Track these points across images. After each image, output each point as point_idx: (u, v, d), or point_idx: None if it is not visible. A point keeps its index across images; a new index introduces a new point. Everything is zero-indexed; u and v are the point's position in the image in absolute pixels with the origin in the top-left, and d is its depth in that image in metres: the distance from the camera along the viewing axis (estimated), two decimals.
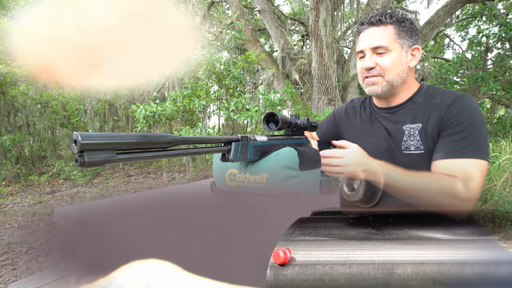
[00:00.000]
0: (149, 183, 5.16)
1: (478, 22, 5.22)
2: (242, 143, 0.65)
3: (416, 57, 0.88)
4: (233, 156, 0.63)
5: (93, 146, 0.39)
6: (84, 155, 0.38)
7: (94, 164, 0.39)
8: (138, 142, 0.44)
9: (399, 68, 0.85)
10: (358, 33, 0.91)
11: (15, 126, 5.67)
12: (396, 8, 7.85)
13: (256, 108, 3.18)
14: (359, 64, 0.90)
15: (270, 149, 0.73)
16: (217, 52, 5.07)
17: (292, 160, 0.77)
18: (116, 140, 0.41)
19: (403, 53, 0.85)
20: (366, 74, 0.87)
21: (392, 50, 0.84)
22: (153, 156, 0.47)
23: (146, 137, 0.45)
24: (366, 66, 0.86)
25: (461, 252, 0.52)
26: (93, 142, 0.39)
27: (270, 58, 6.06)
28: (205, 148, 0.59)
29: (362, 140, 0.95)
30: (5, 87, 5.31)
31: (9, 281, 1.92)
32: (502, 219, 2.39)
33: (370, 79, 0.87)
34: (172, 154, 0.50)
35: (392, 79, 0.86)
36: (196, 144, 0.58)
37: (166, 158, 0.53)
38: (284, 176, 0.76)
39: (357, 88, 5.21)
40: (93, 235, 0.64)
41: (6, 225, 3.01)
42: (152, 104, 3.78)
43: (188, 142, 0.54)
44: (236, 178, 0.79)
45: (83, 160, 0.38)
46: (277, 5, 8.14)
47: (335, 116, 1.11)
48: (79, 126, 6.48)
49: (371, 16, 0.87)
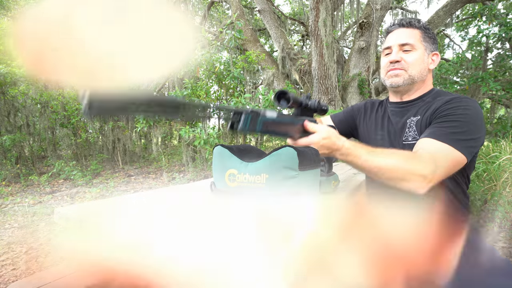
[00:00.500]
0: (149, 183, 5.16)
1: (478, 22, 5.22)
2: (251, 116, 0.65)
3: (435, 61, 0.97)
4: (242, 126, 0.64)
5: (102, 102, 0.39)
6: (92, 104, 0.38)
7: (102, 111, 0.39)
8: (148, 105, 0.44)
9: (421, 66, 0.93)
10: (387, 33, 1.01)
11: (15, 126, 5.67)
12: (396, 8, 7.85)
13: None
14: (384, 60, 0.97)
15: (278, 127, 0.73)
16: (217, 52, 5.07)
17: (292, 160, 0.77)
18: (125, 100, 0.41)
19: (426, 55, 0.94)
20: (391, 67, 0.94)
21: (418, 49, 0.92)
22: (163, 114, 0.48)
23: (157, 101, 0.46)
24: (392, 59, 0.93)
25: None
26: (101, 99, 0.38)
27: (270, 58, 6.06)
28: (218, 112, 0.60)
29: (374, 133, 1.06)
30: (5, 87, 5.31)
31: (9, 281, 1.92)
32: (502, 219, 2.39)
33: (394, 71, 0.94)
34: (183, 116, 0.50)
35: (414, 75, 0.93)
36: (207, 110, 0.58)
37: (176, 119, 0.55)
38: (284, 176, 0.76)
39: (357, 88, 5.21)
40: (93, 235, 0.64)
41: (6, 225, 3.01)
42: None
43: (199, 107, 0.54)
44: (236, 179, 0.80)
45: (91, 106, 0.37)
46: (277, 5, 8.14)
47: (354, 108, 1.18)
48: (79, 126, 6.48)
49: (401, 19, 0.98)
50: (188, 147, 4.90)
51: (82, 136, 6.57)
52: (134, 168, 6.59)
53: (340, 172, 1.63)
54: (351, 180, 1.39)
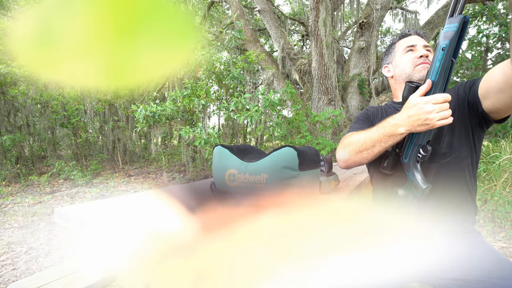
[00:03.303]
0: (149, 183, 5.16)
1: (478, 22, 5.22)
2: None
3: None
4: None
5: None
6: None
7: None
8: None
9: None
10: (403, 36, 1.07)
11: (15, 126, 5.67)
12: (396, 8, 7.84)
13: (256, 108, 3.18)
14: (410, 55, 1.02)
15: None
16: (217, 52, 5.06)
17: (292, 160, 0.77)
18: None
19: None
20: (421, 60, 0.99)
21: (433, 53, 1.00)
22: None
23: None
24: (423, 53, 0.99)
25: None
26: None
27: (270, 58, 6.06)
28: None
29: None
30: (5, 87, 5.31)
31: (9, 281, 1.92)
32: (502, 219, 2.39)
33: (424, 63, 0.98)
34: None
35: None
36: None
37: None
38: (284, 176, 0.76)
39: (357, 88, 5.21)
40: (93, 235, 0.64)
41: (6, 225, 3.01)
42: (152, 104, 3.78)
43: None
44: (236, 179, 0.79)
45: None
46: (277, 5, 8.14)
47: (369, 114, 1.15)
48: (79, 126, 6.48)
49: (418, 29, 1.06)
50: (188, 147, 4.90)
51: (82, 136, 6.57)
52: (134, 168, 6.59)
53: (340, 172, 1.63)
54: (351, 180, 1.39)
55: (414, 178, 0.86)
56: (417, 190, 0.84)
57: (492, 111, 0.84)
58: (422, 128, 0.78)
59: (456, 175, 0.91)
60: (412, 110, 0.79)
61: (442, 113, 0.75)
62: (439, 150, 0.92)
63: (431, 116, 0.75)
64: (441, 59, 0.77)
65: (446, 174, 0.91)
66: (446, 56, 0.77)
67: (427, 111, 0.76)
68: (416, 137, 0.85)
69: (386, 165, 0.93)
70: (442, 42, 0.77)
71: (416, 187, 0.85)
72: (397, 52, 1.06)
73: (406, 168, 0.88)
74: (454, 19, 0.75)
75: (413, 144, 0.87)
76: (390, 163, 0.92)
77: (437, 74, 0.78)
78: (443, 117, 0.75)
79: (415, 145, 0.85)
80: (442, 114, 0.75)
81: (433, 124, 0.76)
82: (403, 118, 0.80)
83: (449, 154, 0.91)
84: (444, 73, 0.78)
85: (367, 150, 0.89)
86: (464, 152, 0.91)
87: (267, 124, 3.91)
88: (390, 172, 0.94)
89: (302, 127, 3.51)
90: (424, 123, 0.77)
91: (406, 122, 0.80)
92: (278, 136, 3.93)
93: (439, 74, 0.78)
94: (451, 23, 0.75)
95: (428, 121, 0.76)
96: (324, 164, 1.11)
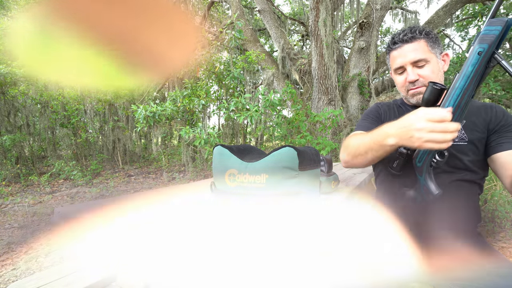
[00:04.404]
0: (149, 183, 5.16)
1: (478, 22, 5.22)
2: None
3: (447, 61, 0.94)
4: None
5: None
6: None
7: None
8: None
9: (438, 75, 0.91)
10: (389, 50, 0.96)
11: (15, 126, 5.67)
12: (396, 8, 7.85)
13: (256, 108, 3.18)
14: (400, 78, 0.95)
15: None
16: (217, 52, 5.07)
17: (292, 160, 0.76)
18: None
19: (438, 61, 0.92)
20: (411, 86, 0.92)
21: (430, 61, 0.89)
22: None
23: None
24: (411, 80, 0.90)
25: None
26: None
27: (270, 58, 6.07)
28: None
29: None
30: (5, 87, 5.31)
31: (9, 281, 1.92)
32: (502, 219, 2.39)
33: (416, 89, 0.92)
34: None
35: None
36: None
37: None
38: (284, 176, 0.76)
39: (357, 88, 5.21)
40: (93, 235, 0.64)
41: (6, 225, 3.01)
42: (152, 104, 3.78)
43: None
44: (236, 179, 0.79)
45: None
46: (277, 5, 8.14)
47: (380, 112, 1.08)
48: (79, 126, 6.49)
49: (402, 34, 0.91)
50: (188, 147, 4.90)
51: (82, 136, 6.57)
52: (134, 168, 6.59)
53: (340, 172, 1.63)
54: (351, 180, 1.39)
55: (426, 183, 0.82)
56: (428, 195, 0.82)
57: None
58: (409, 145, 0.71)
59: (467, 187, 0.90)
60: (405, 122, 0.71)
61: (432, 135, 0.66)
62: (459, 164, 0.89)
63: (418, 135, 0.67)
64: (475, 64, 0.69)
65: (458, 186, 0.89)
66: (481, 62, 0.69)
67: (417, 128, 0.67)
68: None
69: (396, 165, 0.90)
70: (479, 45, 0.69)
71: (427, 192, 0.82)
72: (390, 65, 0.98)
73: (419, 172, 0.84)
74: (496, 21, 0.67)
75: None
76: (400, 164, 0.88)
77: (468, 80, 0.71)
78: (433, 140, 0.66)
79: (431, 150, 0.80)
80: (431, 136, 0.66)
81: (420, 145, 0.68)
82: (395, 127, 0.74)
83: (468, 171, 0.89)
84: (475, 80, 0.70)
85: (361, 156, 0.86)
86: (482, 174, 0.91)
87: (267, 124, 3.91)
88: (398, 172, 0.90)
89: (302, 127, 3.51)
90: (410, 140, 0.70)
91: (396, 133, 0.73)
92: (278, 136, 3.93)
93: (470, 81, 0.71)
94: (493, 26, 0.68)
95: (414, 139, 0.68)
96: (324, 164, 1.11)
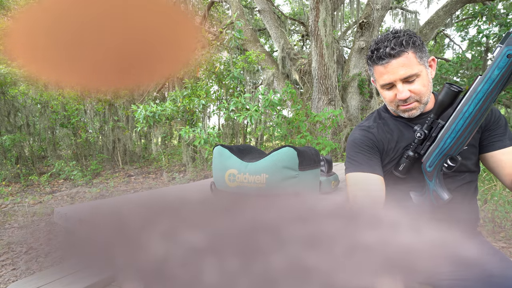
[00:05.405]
0: (149, 183, 5.16)
1: (478, 22, 5.22)
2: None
3: (434, 66, 0.90)
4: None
5: None
6: None
7: None
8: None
9: (429, 86, 0.86)
10: (373, 64, 0.87)
11: (15, 126, 5.67)
12: (396, 8, 7.85)
13: (256, 108, 3.18)
14: (389, 94, 0.88)
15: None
16: (217, 52, 5.07)
17: (292, 160, 0.76)
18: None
19: (428, 71, 0.86)
20: (403, 103, 0.86)
21: (421, 74, 0.83)
22: None
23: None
24: (402, 97, 0.84)
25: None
26: None
27: (270, 58, 6.07)
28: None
29: (398, 147, 0.94)
30: (5, 87, 5.31)
31: (9, 281, 1.92)
32: (502, 219, 2.39)
33: (408, 106, 0.87)
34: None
35: (427, 99, 0.87)
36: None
37: None
38: (284, 176, 0.76)
39: (357, 88, 5.21)
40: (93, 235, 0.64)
41: (6, 225, 3.01)
42: (152, 104, 3.78)
43: None
44: (236, 179, 0.79)
45: None
46: (277, 5, 8.14)
47: (374, 141, 0.96)
48: (79, 126, 6.49)
49: (389, 48, 0.81)
50: (188, 147, 4.90)
51: (82, 136, 6.57)
52: (134, 168, 6.59)
53: (340, 172, 1.63)
54: None
55: (436, 188, 0.81)
56: (437, 200, 0.81)
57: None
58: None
59: (467, 188, 0.91)
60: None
61: None
62: (463, 168, 0.89)
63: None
64: (503, 67, 0.66)
65: (465, 187, 0.90)
66: (510, 65, 0.65)
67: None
68: (446, 146, 0.79)
69: (402, 169, 0.88)
70: (508, 47, 0.65)
71: (437, 197, 0.81)
72: (376, 79, 0.90)
73: (429, 176, 0.82)
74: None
75: (441, 153, 0.80)
76: (406, 167, 0.87)
77: (492, 84, 0.68)
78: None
79: (444, 155, 0.80)
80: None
81: None
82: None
83: (469, 172, 0.90)
84: (500, 84, 0.68)
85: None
86: (478, 171, 0.92)
87: (267, 124, 3.91)
88: (403, 176, 0.88)
89: (302, 127, 3.51)
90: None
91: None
92: (278, 136, 3.93)
93: (494, 85, 0.68)
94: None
95: None
96: (324, 164, 1.11)
